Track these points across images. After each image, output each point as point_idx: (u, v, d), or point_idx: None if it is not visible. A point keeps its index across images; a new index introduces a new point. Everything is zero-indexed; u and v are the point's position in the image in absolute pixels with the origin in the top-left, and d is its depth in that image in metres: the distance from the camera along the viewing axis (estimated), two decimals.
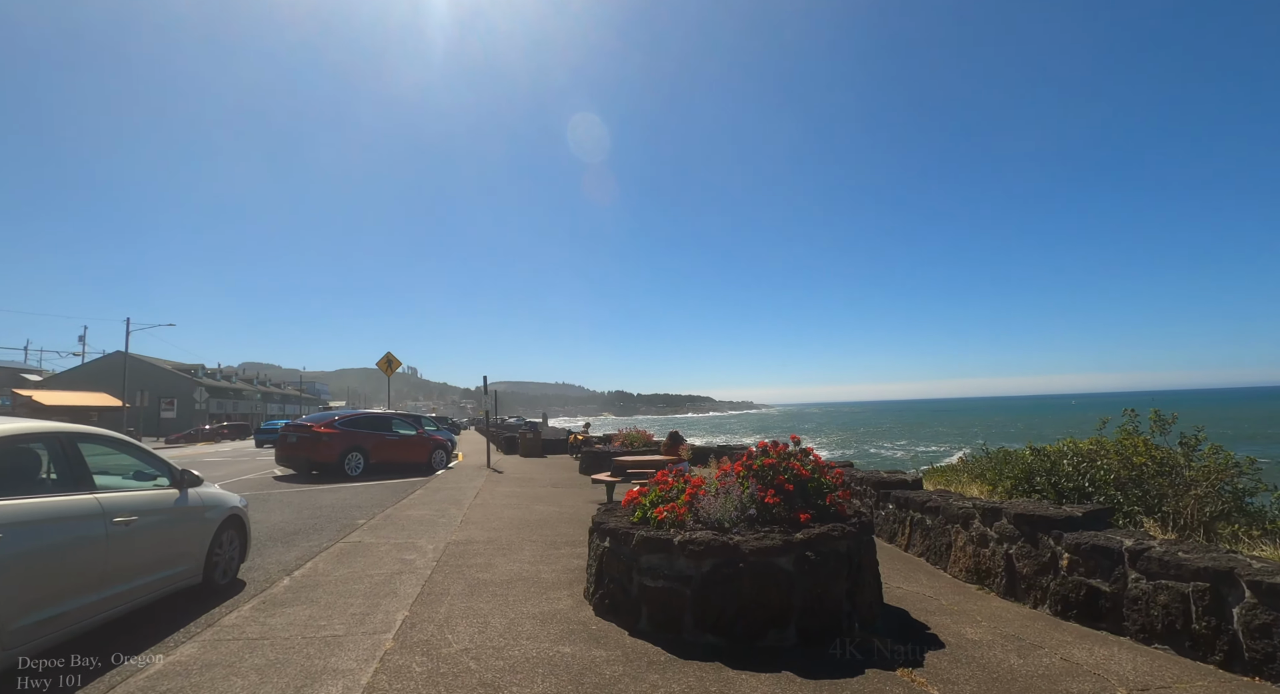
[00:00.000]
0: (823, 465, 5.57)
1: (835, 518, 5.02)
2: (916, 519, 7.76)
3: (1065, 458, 9.99)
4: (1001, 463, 11.13)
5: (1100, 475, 9.32)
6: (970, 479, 12.06)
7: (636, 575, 4.67)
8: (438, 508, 11.32)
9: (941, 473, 13.71)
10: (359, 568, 6.78)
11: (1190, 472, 9.07)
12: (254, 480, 16.75)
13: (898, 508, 8.31)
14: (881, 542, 8.52)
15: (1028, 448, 11.15)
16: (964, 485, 11.76)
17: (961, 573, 6.65)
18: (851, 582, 4.73)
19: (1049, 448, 10.77)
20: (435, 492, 13.82)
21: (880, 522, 8.80)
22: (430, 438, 20.23)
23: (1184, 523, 8.34)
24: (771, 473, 5.15)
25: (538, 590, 5.90)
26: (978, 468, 12.41)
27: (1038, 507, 6.00)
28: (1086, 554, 5.24)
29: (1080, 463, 9.72)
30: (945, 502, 7.23)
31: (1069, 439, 10.95)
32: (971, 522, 6.59)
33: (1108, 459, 9.56)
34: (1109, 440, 10.47)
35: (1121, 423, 10.54)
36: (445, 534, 8.71)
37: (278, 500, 12.44)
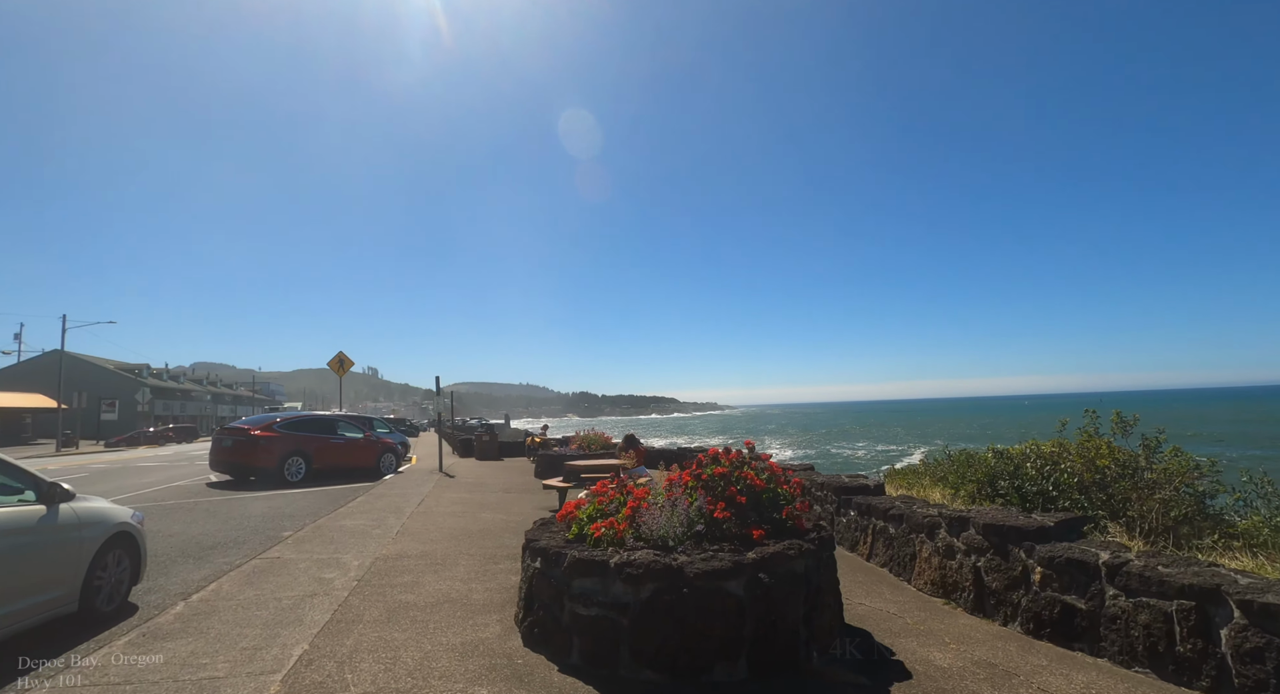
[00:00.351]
0: (779, 473, 5.07)
1: (792, 533, 4.52)
2: (879, 527, 7.35)
3: (1029, 461, 9.72)
4: (963, 466, 10.85)
5: (1064, 478, 9.06)
6: (932, 482, 11.77)
7: (568, 602, 4.10)
8: (375, 517, 10.58)
9: (903, 475, 13.43)
10: (269, 589, 6.07)
11: (1152, 474, 8.87)
12: (184, 487, 15.69)
13: (859, 515, 7.89)
14: (843, 550, 8.10)
15: (989, 450, 10.89)
16: (926, 489, 11.46)
17: (927, 586, 6.23)
18: (809, 605, 4.23)
19: (1012, 450, 10.51)
20: (378, 498, 13.05)
21: (841, 530, 8.39)
22: (379, 441, 19.35)
23: (1149, 527, 8.10)
24: (722, 483, 4.63)
25: (465, 615, 5.28)
26: (939, 471, 12.13)
27: (1007, 516, 5.61)
28: (1060, 568, 4.84)
29: (1044, 466, 9.45)
30: (909, 510, 6.81)
31: (1031, 441, 10.72)
32: (937, 531, 6.18)
33: (1071, 462, 9.31)
34: (1070, 442, 10.27)
35: (1083, 424, 10.34)
36: (376, 547, 8.02)
37: (204, 510, 11.54)
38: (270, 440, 16.34)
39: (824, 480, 9.14)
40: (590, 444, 18.70)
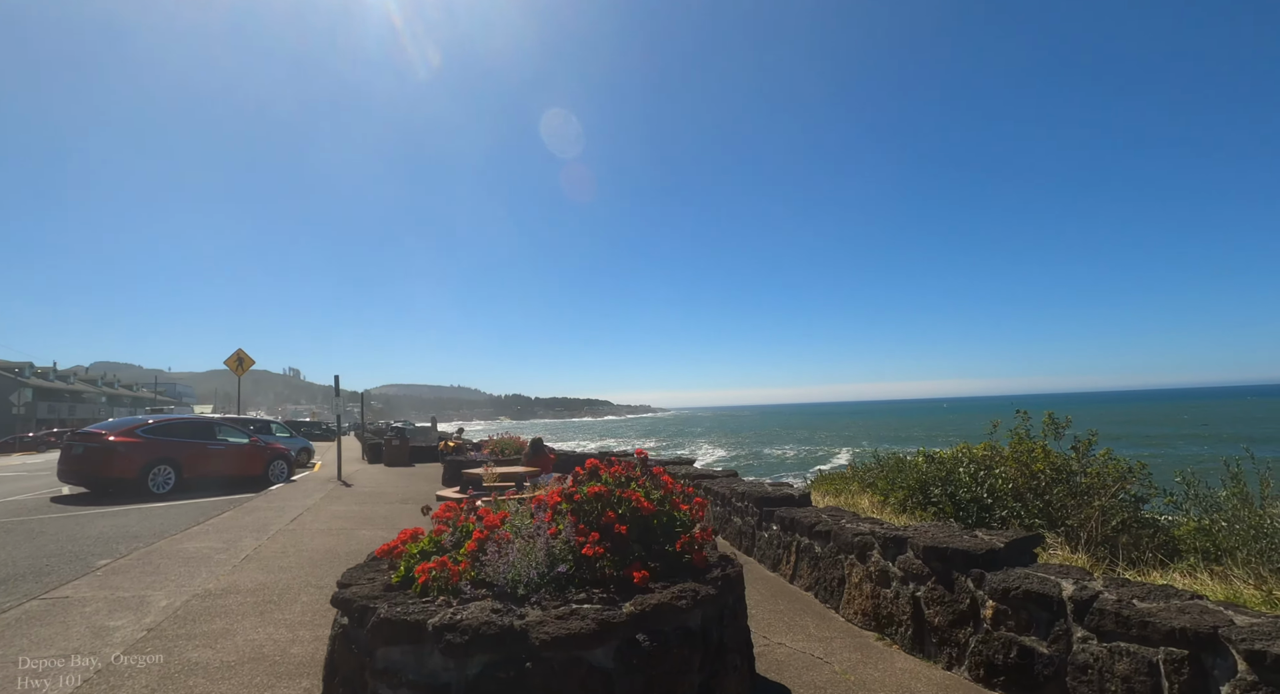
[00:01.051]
0: (675, 492, 4.00)
1: (689, 571, 3.45)
2: (803, 545, 6.40)
3: (961, 465, 9.04)
4: (894, 472, 10.13)
5: (999, 485, 8.39)
6: (860, 488, 11.03)
7: (371, 679, 2.90)
8: (230, 537, 9.02)
9: (830, 481, 12.69)
10: (16, 649, 4.60)
11: (1086, 479, 8.29)
12: (22, 503, 13.48)
13: (782, 530, 6.94)
14: (763, 570, 7.14)
15: (920, 455, 10.20)
16: (854, 495, 10.69)
17: (857, 616, 5.30)
18: (709, 670, 3.17)
19: (943, 454, 9.84)
20: (249, 513, 11.40)
21: (762, 546, 7.43)
22: (268, 447, 17.45)
23: (1088, 537, 7.47)
24: (598, 507, 3.53)
25: (265, 684, 4.00)
26: (868, 476, 11.42)
27: (950, 536, 4.71)
28: (1017, 603, 3.95)
29: (977, 471, 8.77)
30: (837, 525, 5.88)
31: (962, 444, 10.08)
32: (869, 553, 5.25)
33: (1005, 467, 8.65)
34: (1003, 446, 9.68)
35: (1014, 425, 9.77)
36: (206, 579, 6.56)
37: (27, 531, 9.66)
38: (130, 447, 14.32)
39: (745, 489, 8.18)
40: (504, 449, 17.36)
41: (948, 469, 8.98)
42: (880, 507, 9.80)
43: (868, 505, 9.94)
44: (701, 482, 10.37)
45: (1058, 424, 9.30)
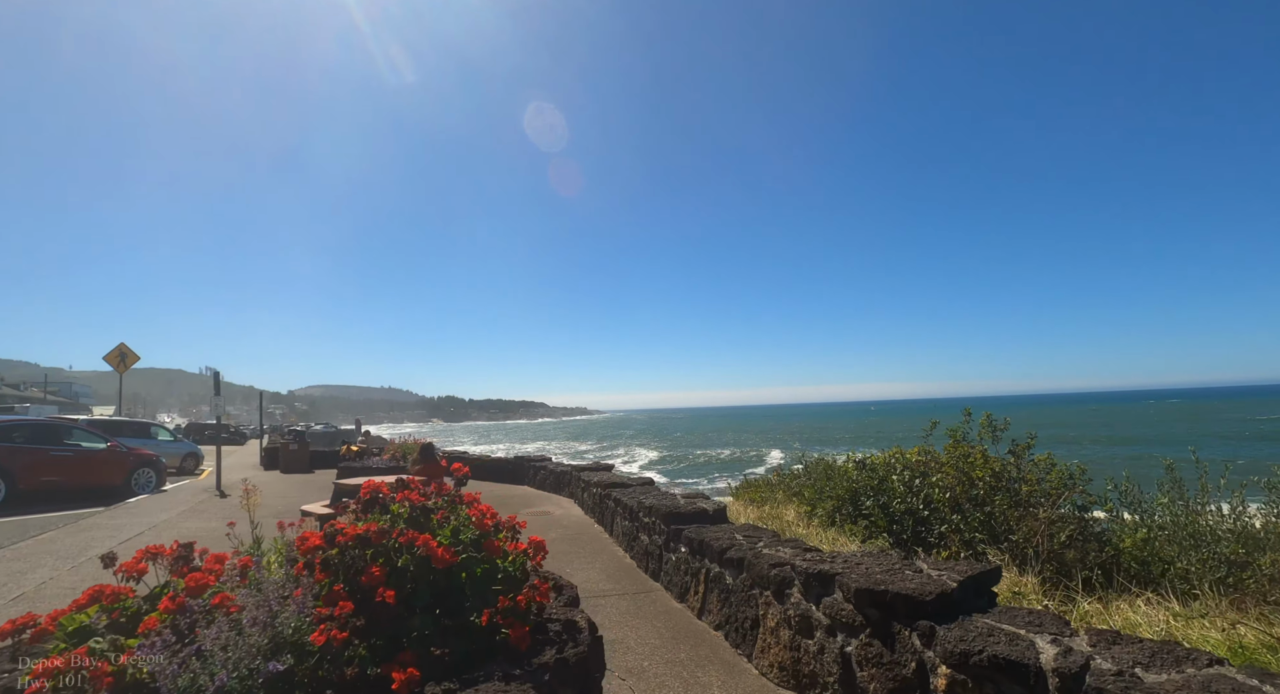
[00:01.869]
0: (490, 528, 2.77)
1: (502, 655, 2.24)
2: (714, 573, 5.28)
3: (894, 473, 8.13)
4: (821, 480, 9.19)
5: (936, 495, 7.50)
6: (786, 497, 10.05)
7: None
8: (21, 567, 7.31)
9: (755, 488, 11.71)
10: None
11: (1026, 486, 7.50)
12: None
13: (691, 554, 5.81)
14: (670, 600, 6.00)
15: (849, 461, 9.29)
16: (779, 505, 9.69)
17: (773, 670, 4.19)
18: None
19: (874, 459, 8.95)
20: (76, 533, 9.57)
21: (670, 570, 6.29)
22: (131, 453, 15.32)
23: (1033, 553, 6.65)
24: (363, 558, 2.27)
25: None
26: (795, 484, 10.47)
27: (889, 573, 3.64)
28: (981, 672, 2.90)
29: (912, 479, 7.88)
30: (752, 551, 4.78)
31: (895, 449, 9.21)
32: (788, 591, 4.16)
33: (943, 474, 7.77)
34: (938, 451, 8.87)
35: (952, 426, 8.97)
36: None
37: None
38: None
39: (653, 503, 7.03)
40: (407, 453, 15.76)
41: (880, 477, 8.07)
42: (807, 519, 8.84)
43: (793, 517, 8.96)
44: (612, 492, 9.20)
45: (996, 426, 8.54)
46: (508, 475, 17.52)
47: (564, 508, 12.81)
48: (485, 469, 18.20)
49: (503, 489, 15.70)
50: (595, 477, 11.56)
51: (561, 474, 14.70)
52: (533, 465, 16.52)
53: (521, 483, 16.89)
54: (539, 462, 16.54)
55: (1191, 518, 7.29)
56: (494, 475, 17.86)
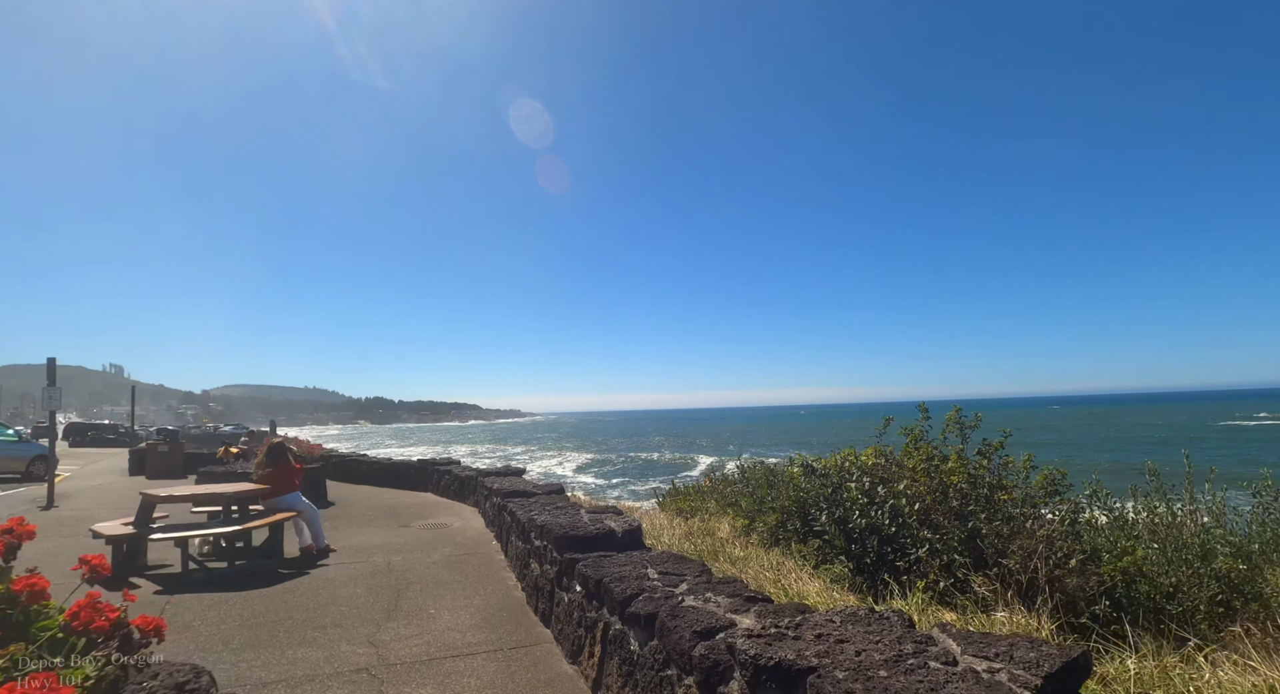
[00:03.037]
0: None
1: None
2: (615, 632, 3.60)
3: (851, 479, 6.64)
4: (763, 488, 7.65)
5: (904, 506, 6.04)
6: (720, 508, 8.47)
7: None
8: None
9: (685, 496, 10.11)
10: None
11: (1005, 494, 6.14)
12: None
13: (587, 598, 4.10)
14: (558, 659, 4.30)
15: (795, 465, 7.79)
16: (711, 517, 8.09)
17: None
18: None
19: (826, 462, 7.48)
20: None
21: (562, 615, 4.59)
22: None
23: (1030, 580, 5.26)
24: None
25: None
26: (729, 492, 8.91)
27: (894, 666, 2.04)
28: None
29: (873, 487, 6.40)
30: (670, 605, 3.11)
31: (848, 450, 7.76)
32: (723, 682, 2.51)
33: (913, 481, 6.33)
34: (894, 452, 7.48)
35: (909, 425, 7.60)
36: None
37: None
38: None
39: (546, 521, 5.30)
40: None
41: (834, 485, 6.59)
42: (744, 534, 7.29)
43: (728, 533, 7.40)
44: (510, 502, 7.43)
45: (964, 424, 7.20)
46: (411, 481, 15.42)
47: (464, 519, 10.95)
48: (386, 474, 16.06)
49: (399, 496, 13.66)
50: (499, 483, 9.77)
51: (466, 480, 12.79)
52: (437, 469, 14.49)
53: (424, 489, 14.86)
54: (444, 465, 14.53)
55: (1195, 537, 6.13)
56: (395, 480, 15.74)
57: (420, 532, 9.60)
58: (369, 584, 6.29)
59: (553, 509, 6.03)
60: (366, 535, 9.11)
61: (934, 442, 7.35)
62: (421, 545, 8.36)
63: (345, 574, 6.75)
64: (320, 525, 7.87)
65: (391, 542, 8.61)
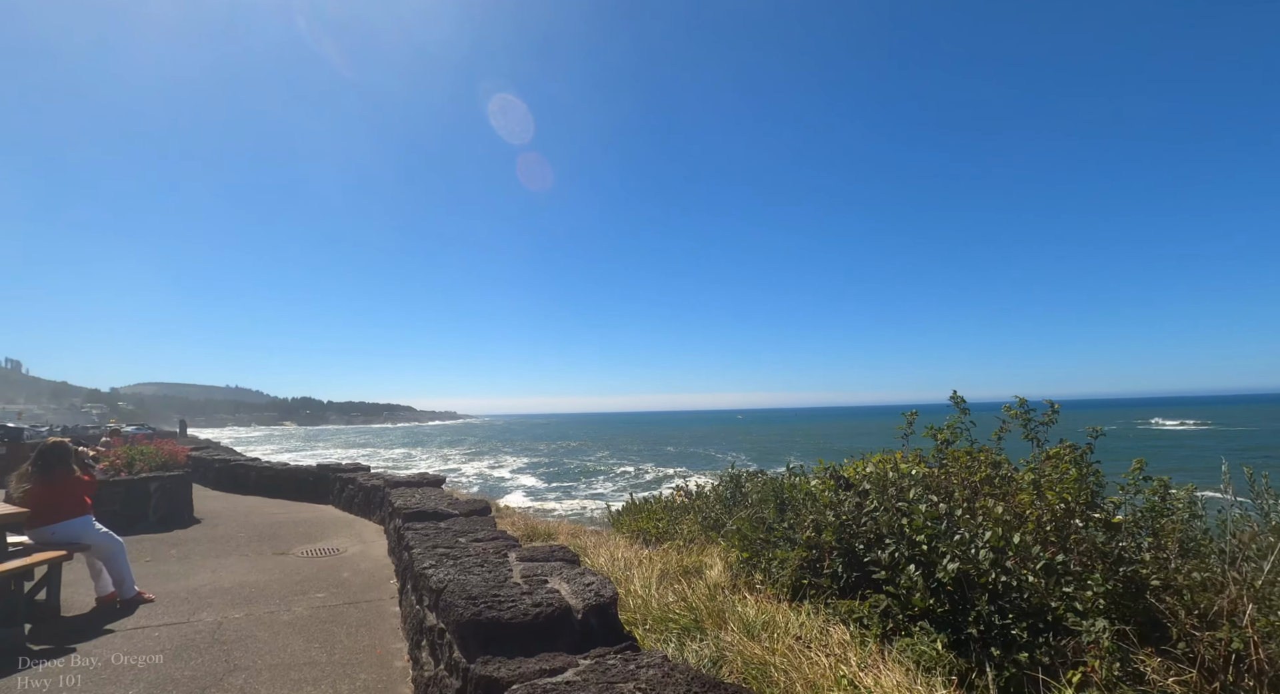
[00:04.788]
0: None
1: None
2: None
3: (910, 496, 4.57)
4: (771, 508, 5.51)
5: (1016, 538, 4.01)
6: (700, 532, 6.33)
7: None
8: None
9: (647, 514, 7.86)
10: None
11: (1171, 524, 4.17)
12: None
13: None
14: None
15: (818, 475, 5.68)
16: (692, 547, 5.93)
17: None
18: None
19: (856, 470, 5.39)
20: None
21: None
22: None
23: (1222, 657, 3.28)
24: None
25: None
26: (711, 512, 6.75)
27: None
28: None
29: (952, 510, 4.35)
30: None
31: (877, 456, 5.70)
32: None
33: (1007, 501, 4.29)
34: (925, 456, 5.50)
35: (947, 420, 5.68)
36: None
37: None
38: None
39: (447, 583, 3.01)
40: (135, 460, 10.60)
41: (888, 505, 4.50)
42: (743, 575, 5.15)
43: (721, 572, 5.27)
44: (410, 528, 5.11)
45: (1036, 420, 5.30)
46: (309, 490, 12.70)
47: (364, 542, 8.51)
48: (279, 482, 13.27)
49: (290, 511, 11.01)
50: (406, 497, 7.41)
51: (373, 491, 10.29)
52: (340, 477, 11.84)
53: (325, 501, 12.20)
54: (348, 472, 11.89)
55: None
56: (291, 490, 12.98)
57: (299, 563, 7.14)
58: (163, 675, 3.87)
59: (469, 549, 3.75)
60: (217, 572, 6.59)
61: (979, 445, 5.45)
62: (287, 588, 5.92)
63: (139, 647, 4.30)
64: (126, 564, 5.34)
65: (248, 582, 6.14)
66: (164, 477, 9.81)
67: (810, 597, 4.37)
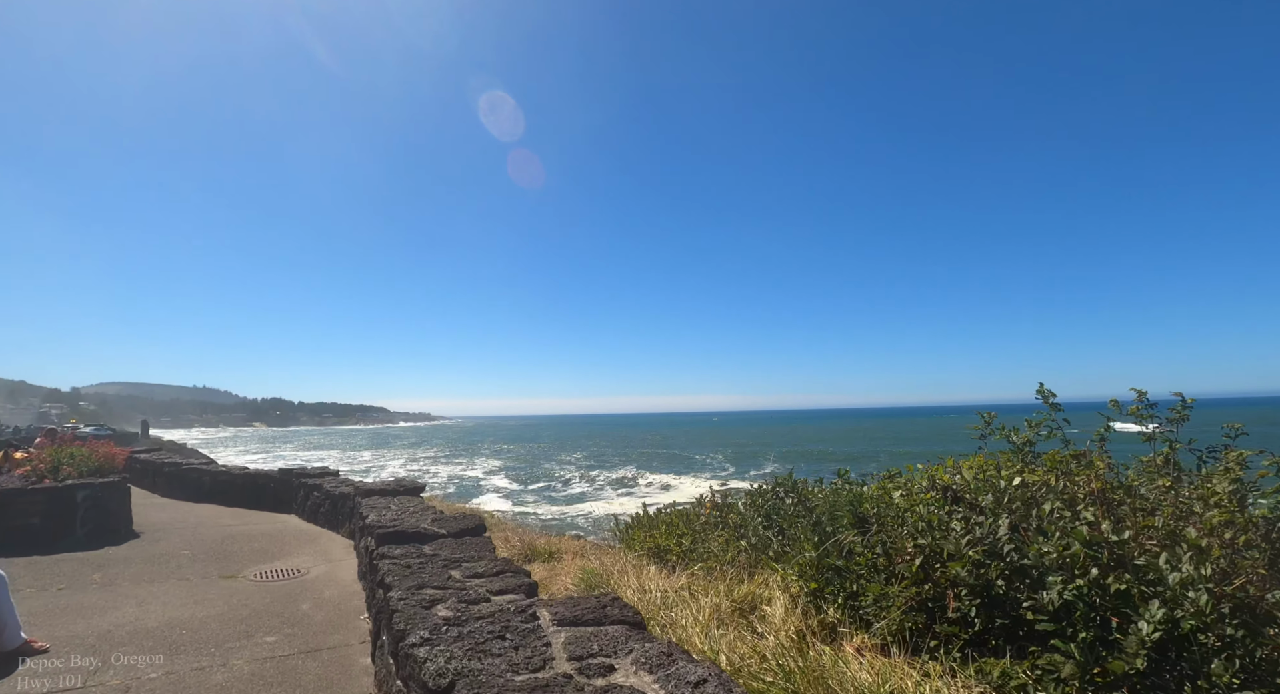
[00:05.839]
0: None
1: None
2: None
3: (1061, 520, 3.46)
4: (847, 524, 4.38)
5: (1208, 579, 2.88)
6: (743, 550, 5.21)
7: None
8: None
9: (668, 531, 6.67)
10: None
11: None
12: None
13: None
14: None
15: (921, 482, 4.57)
16: (737, 572, 4.81)
17: None
18: None
19: (955, 477, 4.28)
20: None
21: None
22: None
23: None
24: None
25: None
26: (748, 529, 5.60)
27: None
28: None
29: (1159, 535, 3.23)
30: None
31: (975, 459, 4.64)
32: None
33: (1205, 514, 3.18)
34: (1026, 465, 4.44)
35: (1033, 425, 4.63)
36: None
37: None
38: None
39: (443, 674, 1.87)
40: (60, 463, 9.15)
41: (1045, 530, 3.38)
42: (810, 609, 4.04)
43: (785, 609, 4.14)
44: (386, 556, 3.93)
45: (1164, 418, 4.29)
46: (269, 498, 11.32)
47: (330, 560, 7.28)
48: (236, 489, 11.85)
49: (247, 522, 9.67)
50: (379, 511, 6.19)
51: (341, 499, 9.01)
52: (305, 483, 10.49)
53: (287, 510, 10.85)
54: (314, 478, 10.54)
55: None
56: (249, 498, 11.58)
57: (250, 590, 5.89)
58: None
59: (470, 593, 2.58)
60: (145, 603, 5.32)
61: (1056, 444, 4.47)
62: (230, 628, 4.67)
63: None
64: (8, 603, 4.06)
65: (180, 619, 4.87)
66: (95, 484, 8.42)
67: (928, 647, 3.26)
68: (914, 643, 3.36)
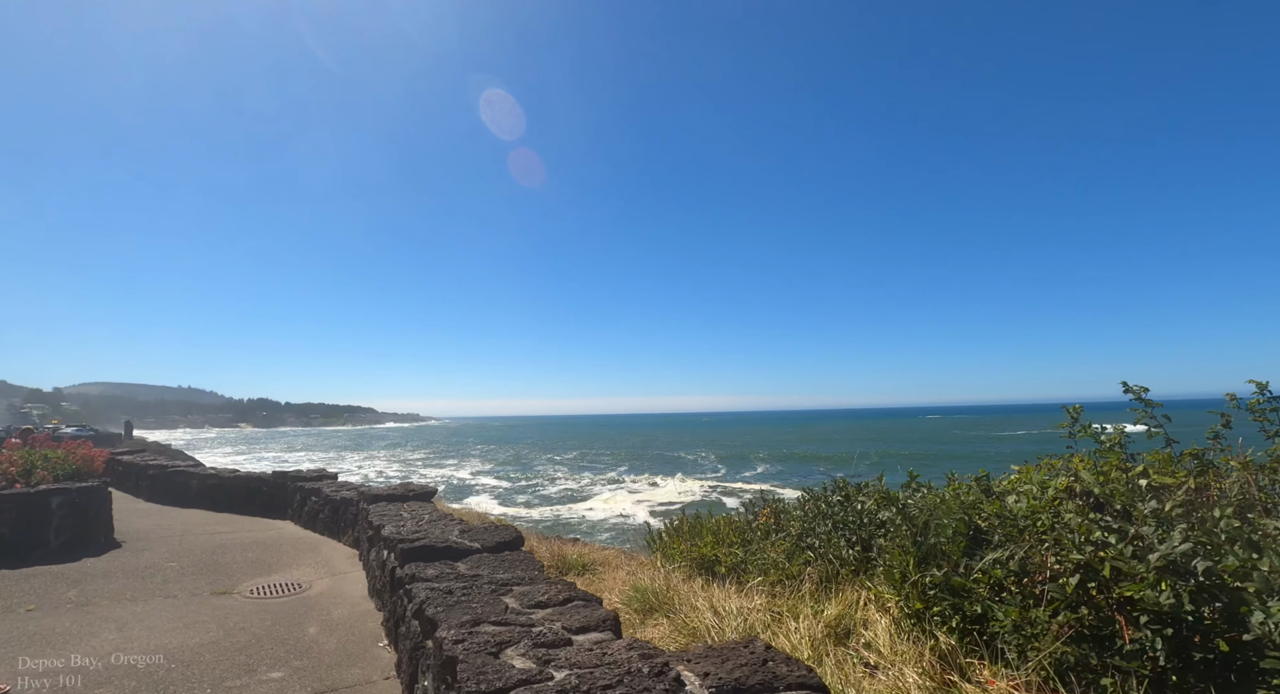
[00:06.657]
0: None
1: None
2: None
3: (1250, 529, 2.82)
4: (944, 530, 3.77)
5: None
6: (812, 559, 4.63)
7: None
8: None
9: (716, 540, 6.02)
10: None
11: None
12: None
13: None
14: None
15: (1064, 478, 3.95)
16: (816, 591, 4.27)
17: None
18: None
19: (1091, 479, 3.67)
20: None
21: None
22: None
23: None
24: None
25: None
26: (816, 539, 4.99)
27: None
28: None
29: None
30: None
31: (1078, 459, 4.03)
32: None
33: None
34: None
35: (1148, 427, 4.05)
36: None
37: None
38: None
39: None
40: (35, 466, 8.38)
41: (1253, 542, 2.77)
42: (916, 631, 3.44)
43: (889, 633, 3.52)
44: (416, 580, 3.28)
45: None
46: (262, 502, 10.57)
47: (334, 573, 6.58)
48: (226, 493, 11.09)
49: (239, 529, 8.94)
50: (396, 522, 5.51)
51: (343, 505, 8.30)
52: (301, 487, 9.76)
53: (281, 515, 10.12)
54: (311, 481, 9.80)
55: None
56: (240, 503, 10.81)
57: (247, 609, 5.20)
58: None
59: (543, 635, 1.94)
60: (127, 628, 4.62)
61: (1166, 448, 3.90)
62: (226, 660, 3.99)
63: None
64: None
65: (169, 647, 4.18)
66: (72, 489, 7.67)
67: (1099, 686, 2.66)
68: (1075, 679, 2.75)
